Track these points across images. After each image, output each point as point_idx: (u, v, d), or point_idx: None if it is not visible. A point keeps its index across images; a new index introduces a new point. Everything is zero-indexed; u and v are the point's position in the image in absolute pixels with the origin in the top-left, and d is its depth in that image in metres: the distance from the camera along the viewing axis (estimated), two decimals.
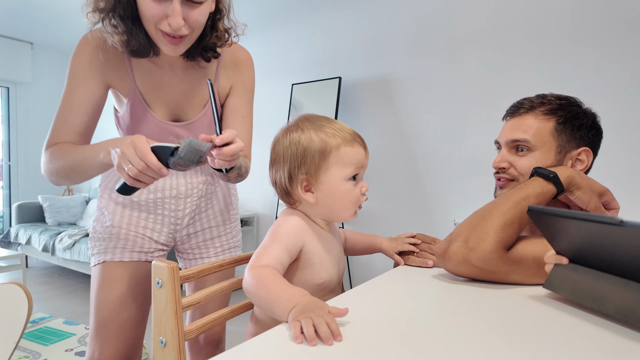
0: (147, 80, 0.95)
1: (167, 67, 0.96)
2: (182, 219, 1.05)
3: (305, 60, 3.15)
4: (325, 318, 0.50)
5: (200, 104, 1.00)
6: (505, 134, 0.91)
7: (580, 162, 0.88)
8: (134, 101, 0.95)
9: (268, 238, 0.70)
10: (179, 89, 0.97)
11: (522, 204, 0.75)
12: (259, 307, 0.62)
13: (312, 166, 0.71)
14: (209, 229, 1.10)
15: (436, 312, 0.61)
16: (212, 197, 1.10)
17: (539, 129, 0.87)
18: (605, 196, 0.82)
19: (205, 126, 1.01)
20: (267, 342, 0.50)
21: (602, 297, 0.56)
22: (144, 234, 1.02)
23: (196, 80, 0.99)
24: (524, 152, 0.88)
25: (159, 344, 0.67)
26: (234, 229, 1.17)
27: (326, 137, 0.70)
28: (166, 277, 0.66)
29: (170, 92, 0.97)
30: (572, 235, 0.59)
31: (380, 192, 2.80)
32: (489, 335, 0.52)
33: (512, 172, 0.90)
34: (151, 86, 0.95)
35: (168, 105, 0.97)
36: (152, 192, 1.02)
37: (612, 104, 2.03)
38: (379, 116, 2.79)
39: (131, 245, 1.00)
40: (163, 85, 0.96)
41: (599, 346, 0.49)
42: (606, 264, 0.57)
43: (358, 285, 0.74)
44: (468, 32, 2.43)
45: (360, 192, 0.73)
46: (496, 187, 0.94)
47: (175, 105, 0.98)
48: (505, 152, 0.91)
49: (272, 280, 0.61)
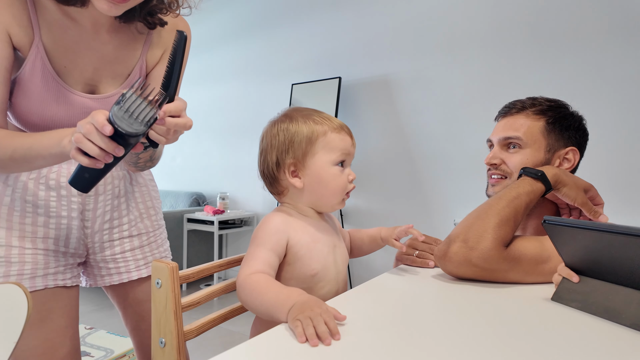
0: (59, 37, 0.73)
1: (89, 25, 0.75)
2: (93, 220, 0.85)
3: (305, 60, 3.15)
4: (324, 316, 0.50)
5: (122, 75, 0.81)
6: (498, 132, 0.95)
7: (567, 161, 0.91)
8: (35, 61, 0.72)
9: (251, 245, 0.71)
10: (99, 54, 0.77)
11: (515, 202, 0.77)
12: (259, 315, 0.62)
13: (299, 151, 0.72)
14: (129, 239, 0.92)
15: (436, 312, 0.61)
16: (130, 198, 0.92)
17: (530, 127, 0.91)
18: (590, 192, 0.84)
19: None
20: (267, 342, 0.50)
21: (617, 309, 0.56)
22: (46, 248, 0.79)
23: (123, 45, 0.80)
24: (515, 150, 0.92)
25: (158, 344, 0.67)
26: (159, 237, 0.98)
27: (313, 124, 0.73)
28: (166, 277, 0.66)
29: (88, 57, 0.76)
30: (587, 246, 0.59)
31: (380, 192, 2.79)
32: (490, 335, 0.51)
33: (504, 168, 0.93)
34: (63, 46, 0.74)
35: (82, 72, 0.76)
36: (54, 189, 0.80)
37: (612, 104, 2.03)
38: (379, 116, 2.79)
39: (30, 268, 0.76)
40: (79, 47, 0.75)
41: (604, 344, 0.49)
42: (619, 276, 0.57)
43: (358, 285, 0.74)
44: (468, 32, 2.43)
45: (347, 179, 0.74)
46: (488, 185, 0.97)
47: (92, 72, 0.77)
48: (497, 149, 0.95)
49: (264, 285, 0.61)
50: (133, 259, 0.92)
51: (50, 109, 0.74)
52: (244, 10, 3.54)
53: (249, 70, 3.52)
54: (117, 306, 0.97)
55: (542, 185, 0.80)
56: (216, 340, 2.31)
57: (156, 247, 0.97)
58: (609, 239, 0.55)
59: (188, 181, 3.92)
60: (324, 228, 0.77)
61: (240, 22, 3.56)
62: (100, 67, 0.78)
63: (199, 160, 3.91)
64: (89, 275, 0.93)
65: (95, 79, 0.79)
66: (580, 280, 0.63)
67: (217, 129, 3.76)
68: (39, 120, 0.74)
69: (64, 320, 0.82)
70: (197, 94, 3.91)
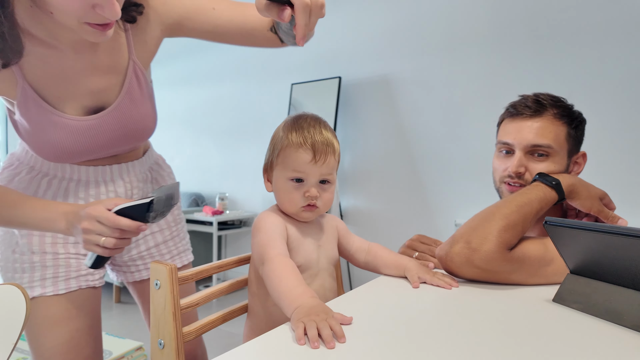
0: (42, 70, 0.69)
1: (69, 49, 0.70)
2: None
3: (305, 60, 3.15)
4: (329, 322, 0.50)
5: (119, 79, 0.76)
6: (525, 137, 0.86)
7: (577, 165, 0.89)
8: (27, 102, 0.69)
9: (259, 233, 0.72)
10: (89, 72, 0.72)
11: (525, 208, 0.75)
12: (270, 293, 0.63)
13: (270, 157, 0.76)
14: (152, 235, 0.94)
15: (436, 313, 0.60)
16: None
17: (558, 134, 0.85)
18: (604, 199, 0.82)
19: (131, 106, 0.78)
20: (267, 343, 0.50)
21: (618, 310, 0.56)
22: (77, 252, 0.82)
23: (108, 51, 0.74)
24: (542, 158, 0.86)
25: (157, 345, 0.67)
26: (181, 230, 1.02)
27: (284, 136, 0.73)
28: (165, 278, 0.66)
29: (77, 79, 0.72)
30: (588, 248, 0.59)
31: (381, 193, 2.79)
32: (491, 336, 0.51)
33: (527, 177, 0.86)
34: (49, 77, 0.70)
35: (80, 97, 0.73)
36: (83, 199, 0.82)
37: (612, 104, 2.03)
38: (379, 116, 2.79)
39: (64, 271, 0.80)
40: (66, 73, 0.71)
41: (605, 345, 0.48)
42: (621, 277, 0.57)
43: (358, 286, 0.73)
44: (468, 32, 2.43)
45: (301, 195, 0.73)
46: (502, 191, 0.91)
47: (88, 94, 0.74)
48: (521, 156, 0.87)
49: (288, 272, 0.63)
50: (159, 254, 0.96)
51: (57, 139, 0.73)
52: None
53: (248, 70, 3.51)
54: (138, 300, 1.00)
55: (555, 194, 0.78)
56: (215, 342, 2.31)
57: (179, 241, 1.00)
58: (610, 240, 0.55)
59: (187, 182, 3.91)
60: (310, 228, 0.79)
61: None
62: (94, 86, 0.75)
63: (197, 160, 3.90)
64: (119, 272, 0.97)
65: (95, 95, 0.75)
66: (581, 281, 0.63)
67: (216, 129, 3.76)
68: (52, 149, 0.74)
69: (90, 320, 0.84)
70: (196, 94, 3.91)
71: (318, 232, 0.80)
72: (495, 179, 0.94)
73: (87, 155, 0.78)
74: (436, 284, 0.73)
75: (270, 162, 0.76)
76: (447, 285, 0.72)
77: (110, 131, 0.76)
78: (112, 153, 0.82)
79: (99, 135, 0.76)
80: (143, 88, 0.79)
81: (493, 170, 0.95)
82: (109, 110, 0.76)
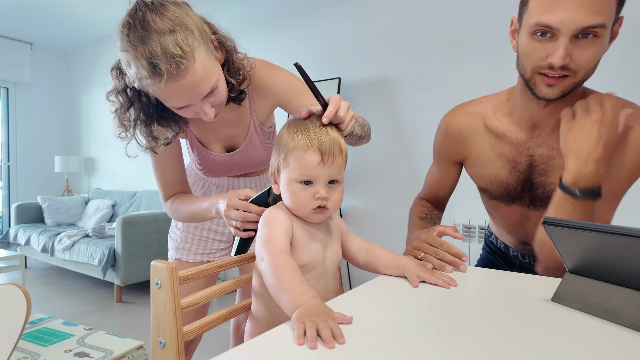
0: (199, 127, 1.10)
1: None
2: None
3: (305, 61, 3.15)
4: (329, 324, 0.50)
5: (244, 130, 1.12)
6: (575, 19, 0.68)
7: (614, 36, 0.75)
8: (192, 143, 1.13)
9: (265, 227, 0.73)
10: (225, 127, 1.10)
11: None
12: (270, 291, 0.63)
13: (277, 160, 0.76)
14: None
15: (435, 312, 0.60)
16: None
17: (611, 3, 0.68)
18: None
19: (253, 145, 1.13)
20: (268, 343, 0.50)
21: (617, 310, 0.56)
22: (207, 237, 1.22)
23: (237, 116, 1.09)
24: (590, 39, 0.70)
25: (157, 344, 0.67)
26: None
27: (289, 139, 0.73)
28: (165, 277, 0.66)
29: (219, 132, 1.11)
30: (587, 247, 0.59)
31: (380, 193, 2.79)
32: (490, 335, 0.51)
33: (572, 66, 0.73)
34: (202, 131, 1.11)
35: (221, 141, 1.13)
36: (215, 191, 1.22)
37: None
38: (378, 116, 2.79)
39: (195, 248, 1.21)
40: (212, 130, 1.11)
41: (604, 345, 0.49)
42: (620, 276, 0.57)
43: (358, 286, 0.74)
44: (468, 32, 2.43)
45: (311, 196, 0.72)
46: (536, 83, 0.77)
47: (225, 139, 1.12)
48: (567, 42, 0.70)
49: (289, 270, 0.63)
50: None
51: (208, 165, 1.14)
52: (244, 11, 3.55)
53: None
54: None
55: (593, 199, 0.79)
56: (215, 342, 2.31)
57: None
58: (609, 240, 0.55)
59: None
60: (317, 227, 0.79)
61: (239, 23, 3.56)
62: (229, 135, 1.11)
63: None
64: None
65: (229, 141, 1.12)
66: (580, 281, 0.63)
67: None
68: (205, 170, 1.16)
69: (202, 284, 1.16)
70: None
71: (325, 232, 0.80)
72: (526, 67, 0.79)
73: (225, 174, 1.18)
74: (435, 283, 0.73)
75: (278, 165, 0.76)
76: (446, 285, 0.72)
77: (239, 163, 1.14)
78: (242, 173, 1.20)
79: (231, 164, 1.14)
80: (261, 136, 1.12)
81: (522, 56, 0.79)
82: (238, 150, 1.12)
